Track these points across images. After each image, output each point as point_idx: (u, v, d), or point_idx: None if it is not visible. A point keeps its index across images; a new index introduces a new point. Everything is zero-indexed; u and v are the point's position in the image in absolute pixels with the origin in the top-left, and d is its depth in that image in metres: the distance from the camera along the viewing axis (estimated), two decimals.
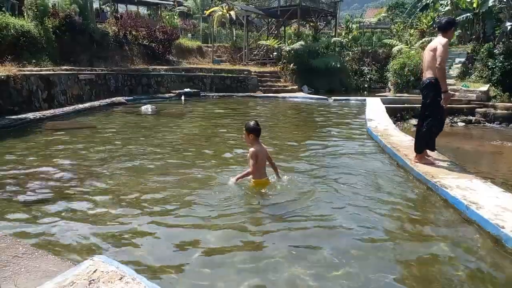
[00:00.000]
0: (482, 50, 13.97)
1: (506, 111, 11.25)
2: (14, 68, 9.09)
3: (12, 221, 3.18)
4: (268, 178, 3.98)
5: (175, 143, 6.56)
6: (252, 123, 3.90)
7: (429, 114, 4.63)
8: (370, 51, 24.31)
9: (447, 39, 4.43)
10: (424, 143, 4.69)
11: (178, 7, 27.25)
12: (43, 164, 4.86)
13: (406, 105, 11.46)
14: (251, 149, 3.80)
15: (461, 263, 2.64)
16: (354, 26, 28.43)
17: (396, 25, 25.97)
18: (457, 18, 16.70)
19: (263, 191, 3.84)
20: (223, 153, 5.73)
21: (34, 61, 10.68)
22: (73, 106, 10.05)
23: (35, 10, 11.79)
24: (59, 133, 7.09)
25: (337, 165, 5.13)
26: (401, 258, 2.72)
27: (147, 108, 10.57)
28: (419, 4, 21.53)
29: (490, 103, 11.79)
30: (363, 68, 23.53)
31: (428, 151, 4.83)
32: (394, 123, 8.28)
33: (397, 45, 19.64)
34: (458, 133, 9.70)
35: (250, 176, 3.91)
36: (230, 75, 17.40)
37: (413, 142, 4.99)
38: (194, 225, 3.18)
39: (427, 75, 4.59)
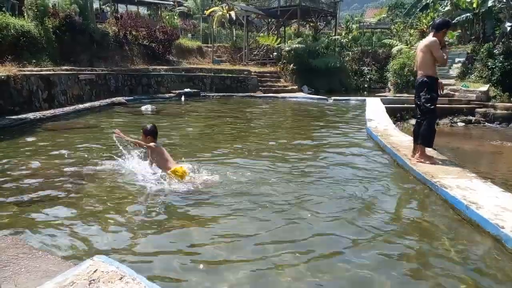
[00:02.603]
0: (482, 50, 13.97)
1: (506, 111, 11.25)
2: (14, 68, 9.09)
3: (11, 222, 3.18)
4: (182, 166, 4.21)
5: (174, 142, 6.56)
6: (149, 126, 4.26)
7: (427, 112, 4.66)
8: (370, 51, 24.32)
9: (436, 39, 4.52)
10: (428, 139, 4.72)
11: (178, 7, 27.25)
12: (43, 164, 4.86)
13: (406, 105, 11.46)
14: (150, 144, 4.18)
15: (460, 263, 2.64)
16: (354, 26, 28.44)
17: (396, 25, 25.97)
18: (457, 18, 16.70)
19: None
20: (222, 153, 5.74)
21: (34, 61, 10.68)
22: (73, 106, 10.05)
23: (35, 10, 11.79)
24: (59, 133, 7.09)
25: (336, 165, 5.14)
26: (400, 258, 2.72)
27: (147, 108, 10.57)
28: (419, 4, 21.50)
29: (490, 103, 11.79)
30: (363, 68, 23.53)
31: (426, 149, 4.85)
32: (394, 123, 8.28)
33: (397, 45, 19.65)
34: (458, 133, 9.70)
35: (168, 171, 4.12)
36: (230, 75, 17.40)
37: (412, 141, 5.02)
38: (184, 225, 3.20)
39: (420, 74, 4.70)
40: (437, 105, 4.78)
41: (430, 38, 4.59)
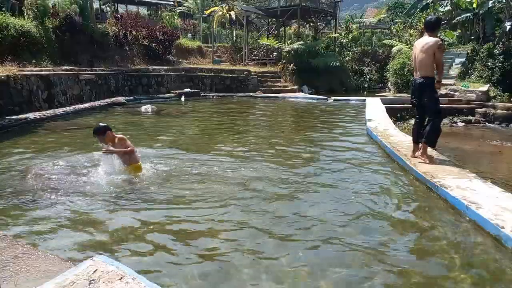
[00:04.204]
0: (482, 50, 13.95)
1: (506, 111, 11.23)
2: (14, 68, 9.10)
3: (11, 222, 3.18)
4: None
5: (174, 143, 6.56)
6: (101, 124, 4.40)
7: (432, 112, 4.64)
8: (370, 51, 24.30)
9: (440, 42, 4.48)
10: (435, 139, 4.72)
11: (178, 7, 27.26)
12: (43, 165, 4.86)
13: (406, 105, 11.42)
14: (120, 136, 4.30)
15: (460, 263, 2.64)
16: (354, 26, 28.43)
17: (396, 25, 25.95)
18: (457, 18, 16.70)
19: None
20: (223, 152, 5.74)
21: (34, 61, 10.69)
22: (73, 106, 10.05)
23: (35, 10, 11.80)
24: (59, 133, 7.09)
25: (336, 165, 5.13)
26: (398, 258, 2.72)
27: (147, 109, 10.57)
28: (419, 4, 21.48)
29: (490, 103, 11.77)
30: (363, 68, 23.52)
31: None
32: (394, 123, 8.27)
33: (397, 45, 19.64)
34: (458, 133, 9.68)
35: (128, 165, 4.32)
36: (230, 75, 17.40)
37: (412, 142, 5.01)
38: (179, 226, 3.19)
39: (420, 74, 4.64)
40: None
41: (432, 39, 4.50)
